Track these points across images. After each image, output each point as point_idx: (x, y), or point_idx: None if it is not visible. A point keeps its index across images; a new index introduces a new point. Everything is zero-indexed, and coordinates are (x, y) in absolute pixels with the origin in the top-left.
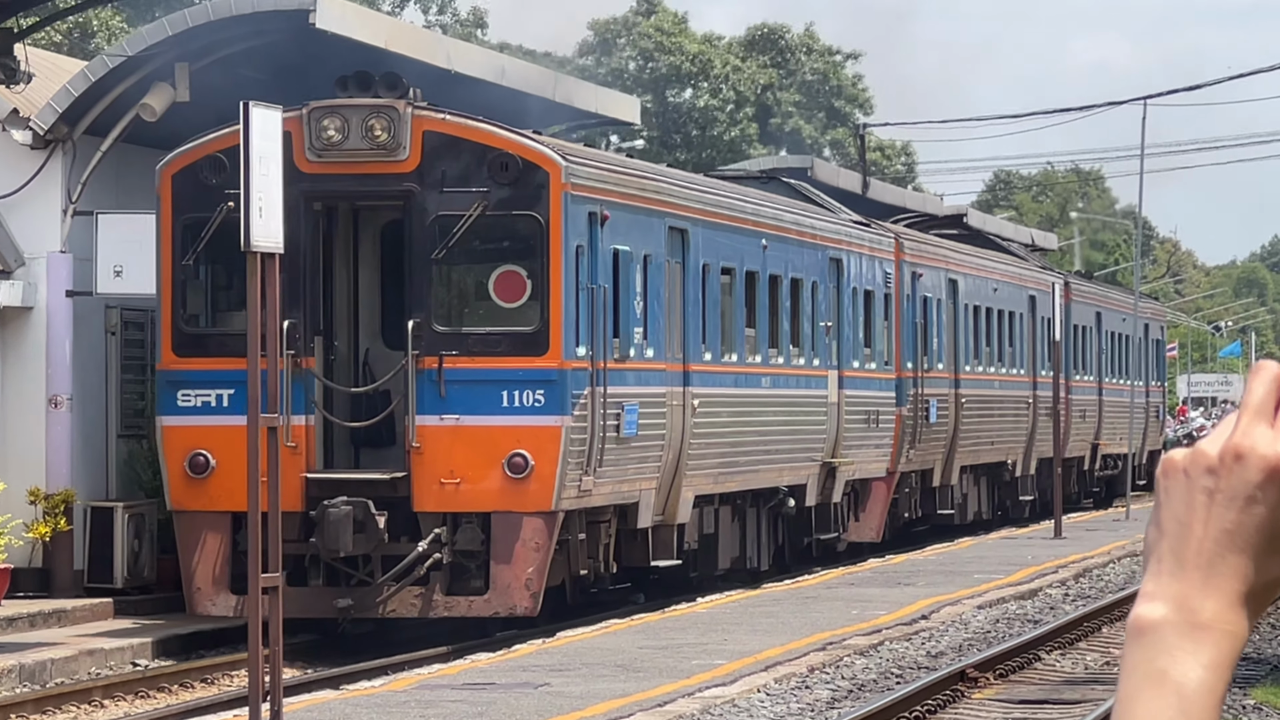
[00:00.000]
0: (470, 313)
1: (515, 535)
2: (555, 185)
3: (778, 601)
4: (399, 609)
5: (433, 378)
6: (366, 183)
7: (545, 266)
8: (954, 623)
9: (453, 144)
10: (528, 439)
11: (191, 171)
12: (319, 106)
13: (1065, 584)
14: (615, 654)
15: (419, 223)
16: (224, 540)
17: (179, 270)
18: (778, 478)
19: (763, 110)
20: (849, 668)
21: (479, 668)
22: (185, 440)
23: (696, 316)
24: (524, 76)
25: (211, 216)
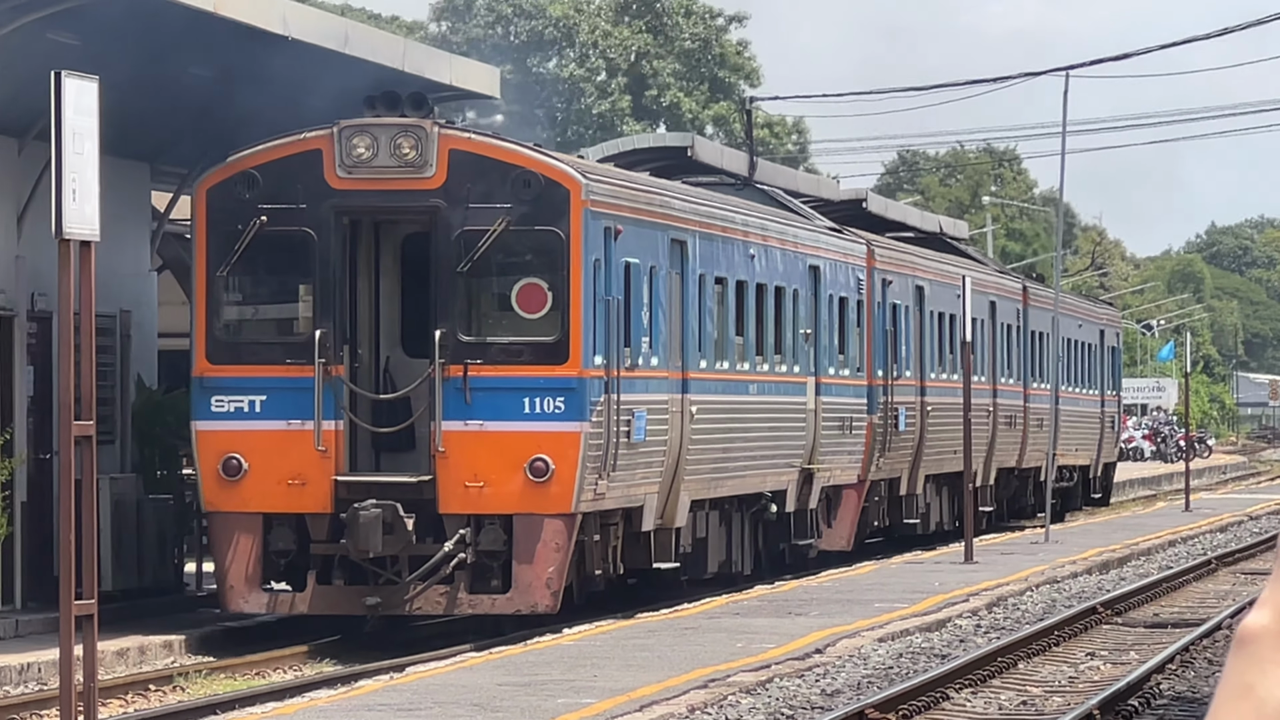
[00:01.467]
0: (493, 323)
1: (536, 536)
2: (575, 202)
3: (654, 633)
4: (425, 607)
5: (458, 385)
6: (394, 198)
7: (566, 279)
8: (852, 657)
9: (477, 162)
10: (548, 444)
11: (225, 187)
12: (349, 125)
13: (977, 614)
14: (471, 692)
15: (445, 237)
16: (256, 540)
17: (213, 281)
18: (762, 483)
19: (637, 81)
20: (734, 708)
21: (318, 706)
22: (218, 444)
23: (694, 325)
24: (370, 44)
25: (244, 230)
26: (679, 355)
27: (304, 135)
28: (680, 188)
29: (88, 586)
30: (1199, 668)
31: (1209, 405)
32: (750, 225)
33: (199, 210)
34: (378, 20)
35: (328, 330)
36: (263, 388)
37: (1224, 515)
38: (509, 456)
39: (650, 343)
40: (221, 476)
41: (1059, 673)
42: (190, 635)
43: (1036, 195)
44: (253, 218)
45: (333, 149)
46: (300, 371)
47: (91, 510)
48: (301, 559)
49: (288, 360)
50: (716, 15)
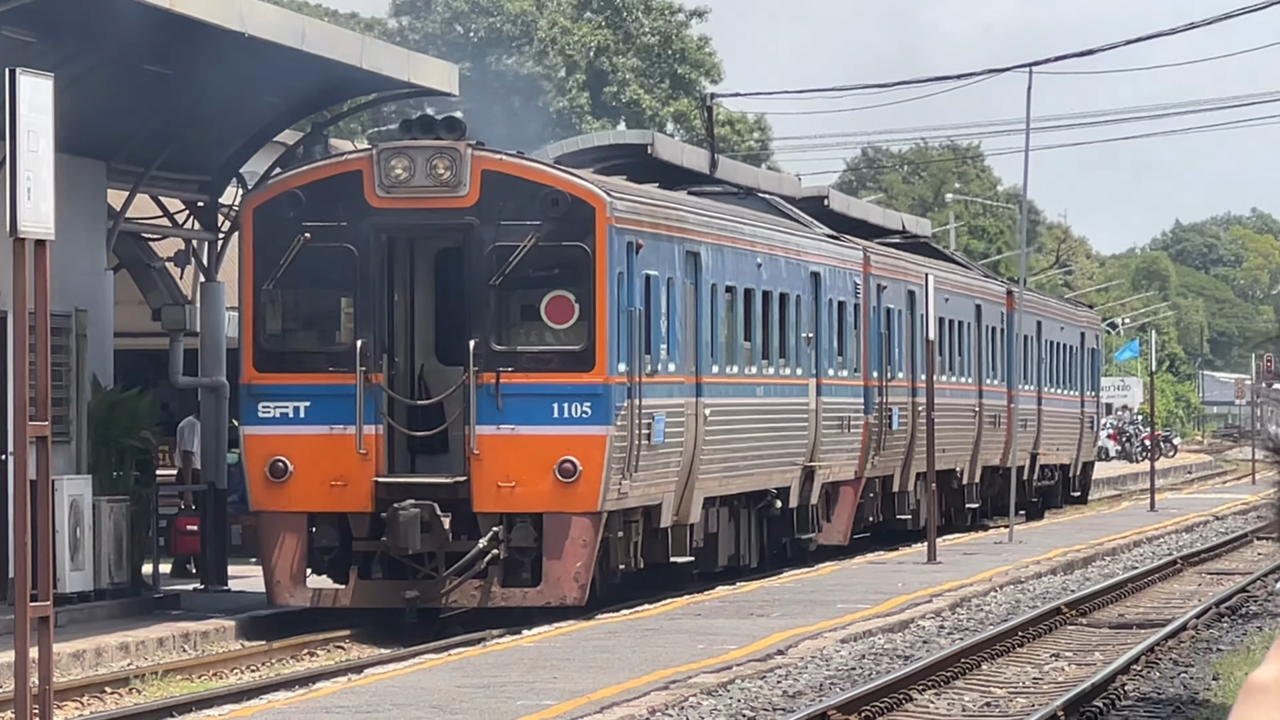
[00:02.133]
0: (524, 333)
1: (565, 533)
2: (600, 219)
3: (614, 634)
4: (460, 600)
5: (491, 391)
6: (430, 216)
7: (592, 291)
8: (814, 658)
9: (508, 182)
10: (576, 447)
11: (271, 206)
12: (388, 148)
13: (940, 615)
14: (430, 694)
15: (478, 252)
16: (300, 538)
17: (260, 294)
18: (768, 480)
19: (596, 78)
20: (695, 709)
21: (276, 708)
22: (266, 448)
23: (707, 332)
24: (327, 41)
25: (289, 246)
26: (693, 361)
27: (345, 157)
28: (693, 201)
29: (43, 588)
30: (1164, 668)
31: (1174, 404)
32: (757, 236)
33: (246, 227)
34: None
35: (368, 340)
36: (307, 394)
37: (1189, 515)
38: (539, 458)
39: (668, 349)
40: (268, 478)
41: (1023, 674)
42: (148, 637)
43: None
44: (297, 235)
45: (372, 170)
46: (342, 379)
47: (47, 512)
48: (343, 556)
49: (330, 368)
50: (677, 11)
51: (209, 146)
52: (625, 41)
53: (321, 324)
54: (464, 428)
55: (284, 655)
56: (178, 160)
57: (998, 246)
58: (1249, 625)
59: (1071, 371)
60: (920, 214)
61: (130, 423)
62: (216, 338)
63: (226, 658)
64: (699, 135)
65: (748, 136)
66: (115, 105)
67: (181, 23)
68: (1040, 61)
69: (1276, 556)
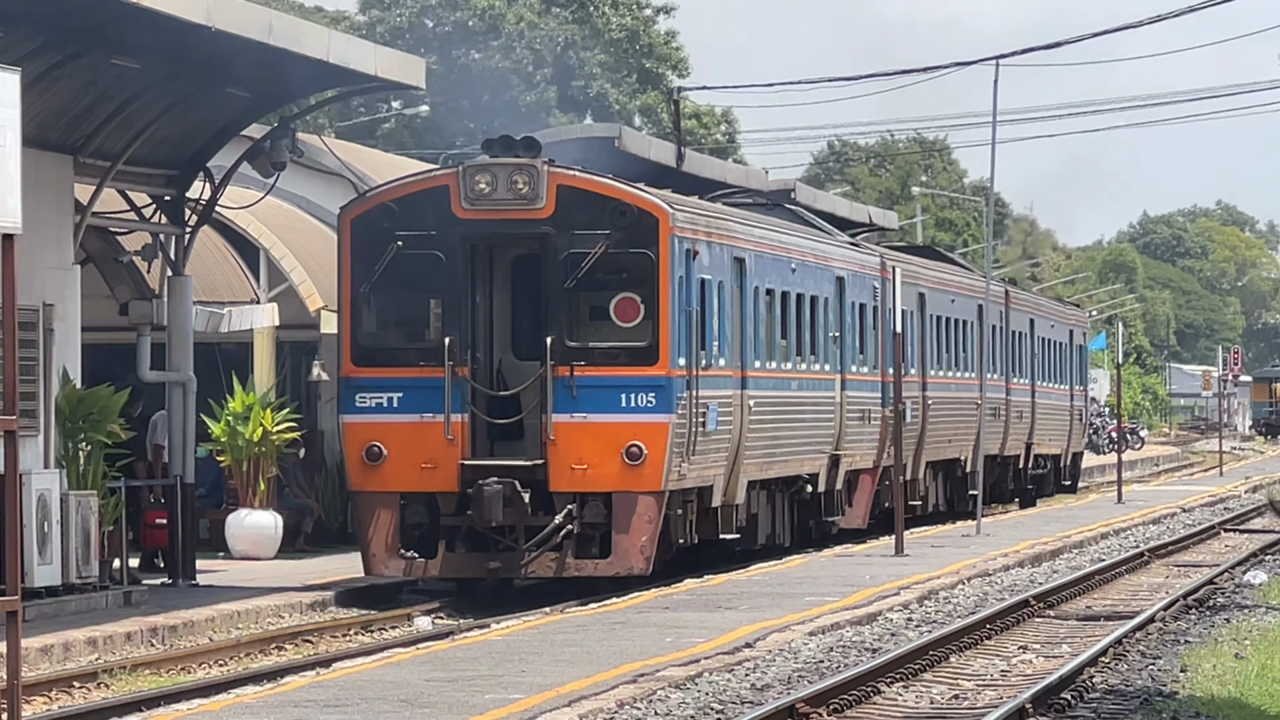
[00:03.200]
0: (594, 331)
1: (632, 510)
2: (664, 229)
3: (582, 628)
4: (538, 570)
5: (565, 383)
6: (510, 226)
7: (656, 294)
8: (782, 651)
9: (581, 195)
10: (642, 433)
11: (367, 217)
12: (472, 165)
13: (908, 607)
14: (398, 688)
15: (553, 258)
16: (394, 515)
17: (357, 297)
18: (800, 467)
19: (563, 72)
20: (663, 702)
21: (244, 703)
22: (362, 434)
23: (750, 330)
24: (294, 35)
25: (383, 253)
26: (739, 356)
27: (434, 173)
28: (737, 212)
29: (11, 583)
30: (1132, 661)
31: (1141, 396)
32: (790, 244)
33: (344, 236)
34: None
35: (454, 337)
36: (399, 386)
37: (1157, 507)
38: (608, 443)
39: (719, 346)
40: (365, 462)
41: (991, 666)
42: (116, 632)
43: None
44: (390, 243)
45: (458, 185)
46: (431, 372)
47: (15, 506)
48: (431, 531)
49: (420, 363)
50: (644, 6)
51: (176, 141)
52: (592, 36)
53: (412, 323)
54: (541, 416)
55: (252, 649)
56: (145, 155)
57: (964, 239)
58: (1216, 617)
59: (1062, 366)
60: (887, 207)
61: (99, 416)
62: (184, 332)
63: (195, 652)
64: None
65: (714, 130)
66: (82, 99)
67: (148, 16)
68: (1007, 54)
69: (1244, 548)
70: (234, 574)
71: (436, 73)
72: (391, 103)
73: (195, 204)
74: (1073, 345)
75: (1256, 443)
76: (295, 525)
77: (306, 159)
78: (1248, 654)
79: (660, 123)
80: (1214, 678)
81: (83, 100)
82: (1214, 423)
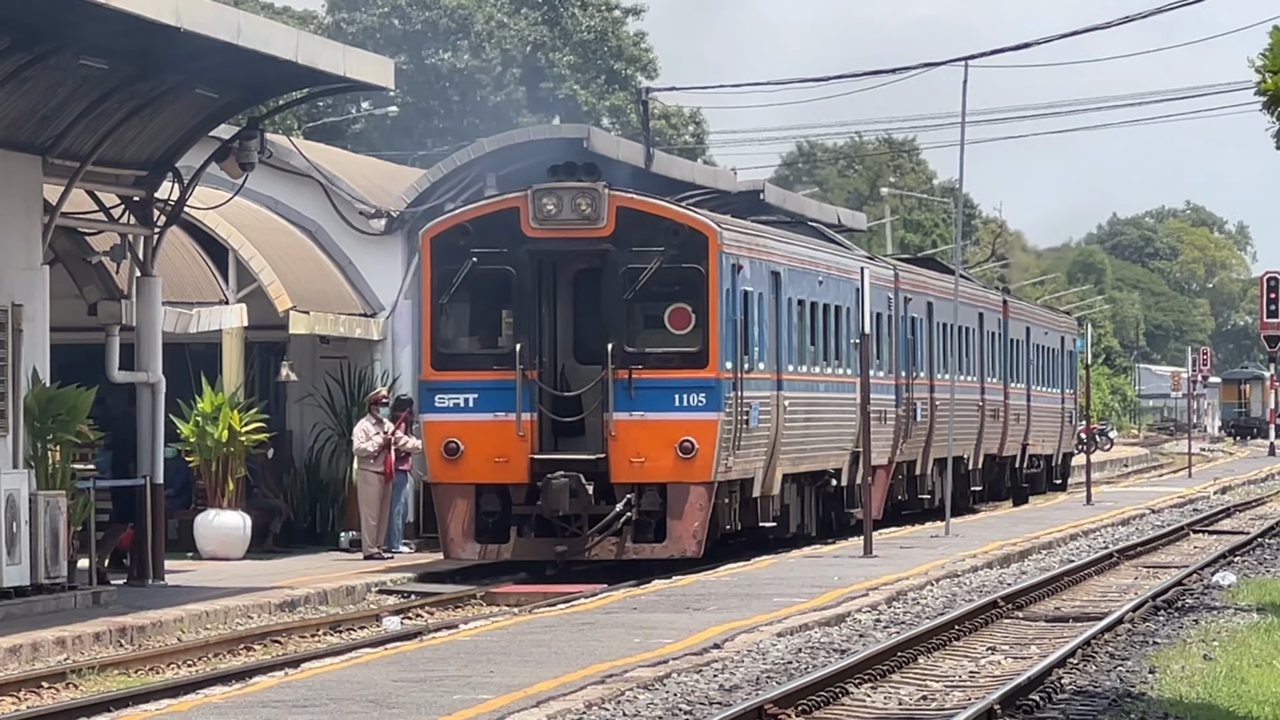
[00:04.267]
0: (650, 337)
1: (685, 499)
2: (713, 246)
3: (551, 628)
4: (600, 553)
5: (625, 385)
6: (574, 244)
7: (705, 304)
8: (750, 652)
9: (638, 216)
10: (693, 429)
11: (446, 235)
12: (540, 188)
13: (877, 608)
14: (367, 688)
15: (613, 273)
16: (470, 504)
17: (436, 307)
18: (826, 462)
19: (533, 72)
20: (632, 703)
21: (212, 703)
22: (441, 432)
23: (786, 337)
24: (262, 36)
25: (459, 268)
26: (775, 361)
27: (505, 196)
28: (772, 230)
29: None
30: (1100, 662)
31: (1110, 397)
32: (818, 259)
33: (425, 253)
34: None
35: (524, 344)
36: (475, 388)
37: (1126, 508)
38: (664, 439)
39: (759, 351)
40: (444, 456)
41: (959, 667)
42: (84, 632)
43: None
44: (466, 259)
45: (527, 206)
46: (504, 376)
47: None
48: (504, 519)
49: (494, 367)
50: (613, 7)
51: (145, 141)
52: (562, 37)
53: (486, 331)
54: (602, 414)
55: (221, 650)
56: (113, 155)
57: (933, 240)
58: (1185, 619)
59: (1055, 371)
60: (856, 207)
61: (68, 416)
62: (152, 332)
63: (163, 653)
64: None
65: (683, 130)
66: (51, 100)
67: (117, 17)
68: (976, 55)
69: (1213, 550)
70: (202, 574)
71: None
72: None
73: (164, 204)
74: (1064, 351)
75: (1226, 444)
76: (264, 525)
77: (275, 159)
78: (1216, 655)
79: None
80: (1182, 679)
81: (51, 100)
82: (1183, 424)
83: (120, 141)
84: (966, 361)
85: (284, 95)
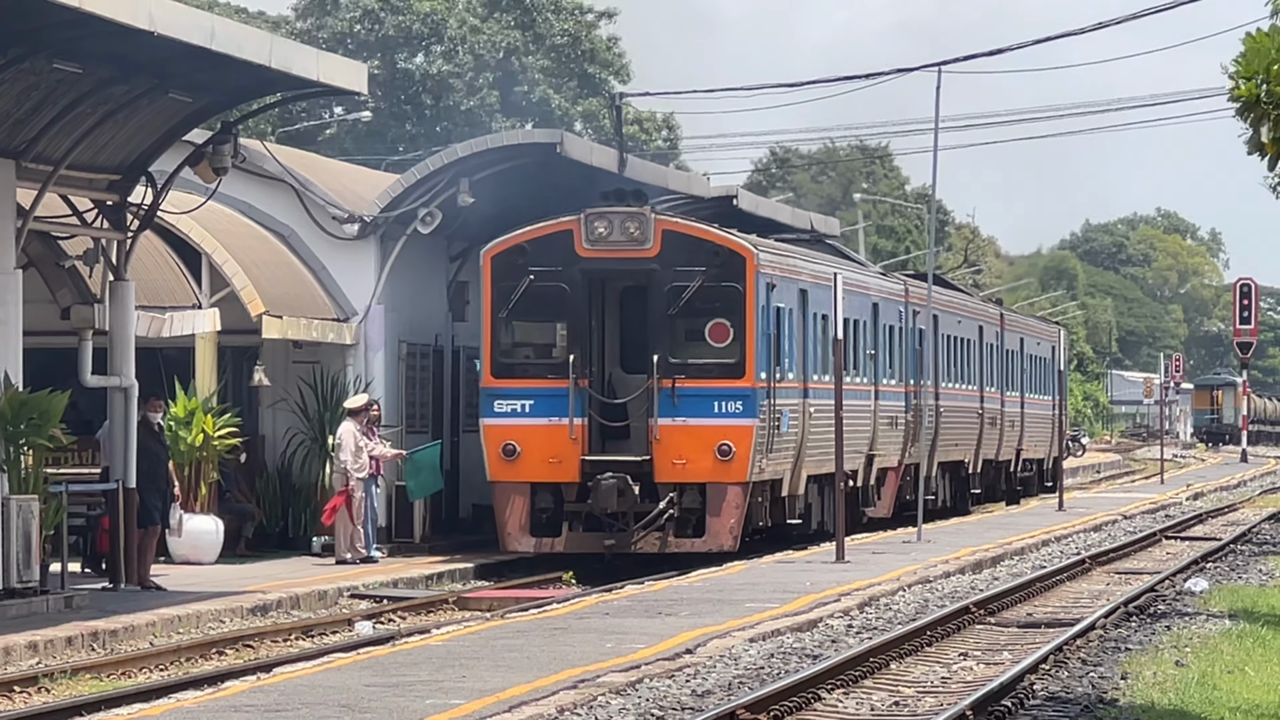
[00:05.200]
0: (692, 349)
1: (723, 498)
2: (750, 267)
3: (523, 633)
4: (644, 547)
5: (668, 393)
6: (623, 264)
7: (743, 319)
8: (723, 657)
9: (682, 238)
10: (731, 434)
11: (505, 255)
12: (592, 213)
13: (849, 614)
14: (339, 693)
15: (659, 290)
16: (525, 501)
17: (496, 321)
18: (846, 464)
19: (506, 77)
20: (604, 708)
21: (184, 707)
22: (500, 435)
23: (812, 350)
24: (236, 40)
25: (517, 285)
26: (802, 371)
27: (560, 220)
28: (800, 250)
29: None
30: (1073, 668)
31: (1083, 403)
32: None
33: (486, 271)
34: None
35: (577, 355)
36: (531, 395)
37: (1098, 514)
38: (703, 443)
39: (789, 362)
40: (502, 457)
41: (931, 673)
42: (56, 636)
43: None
44: (524, 277)
45: (580, 229)
46: (558, 383)
47: None
48: (556, 515)
49: (549, 376)
50: (586, 11)
51: (118, 145)
52: (535, 41)
53: (541, 343)
54: (647, 420)
55: (193, 654)
56: (87, 159)
57: (905, 245)
58: (1157, 625)
59: (1046, 380)
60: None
61: (40, 421)
62: (125, 336)
63: (135, 657)
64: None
65: (656, 135)
66: (24, 104)
67: (91, 21)
68: (949, 61)
69: (1185, 556)
70: (175, 578)
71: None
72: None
73: (137, 209)
74: (1054, 360)
75: (1198, 450)
76: (236, 530)
77: (248, 164)
78: (1188, 661)
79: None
80: (1154, 685)
81: (25, 104)
82: (1156, 430)
83: (94, 145)
84: (968, 371)
85: (258, 100)
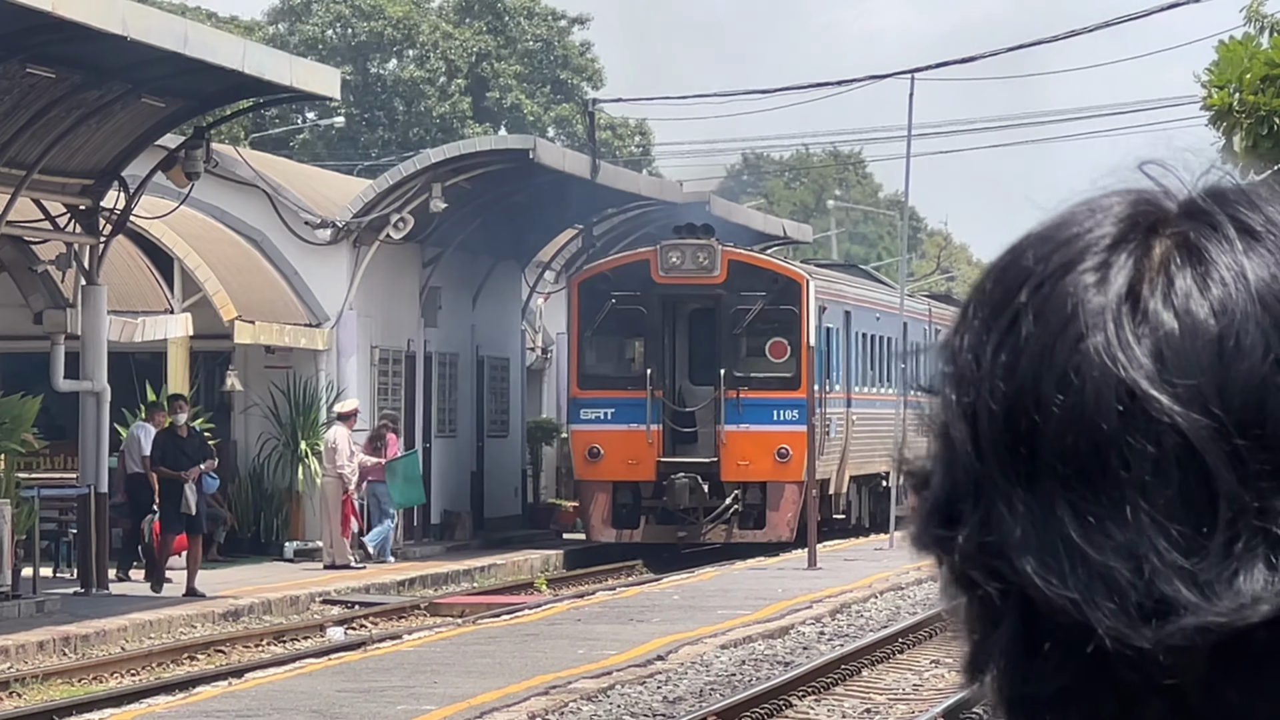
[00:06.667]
0: (754, 364)
1: (781, 495)
2: (805, 292)
3: (495, 639)
4: (712, 538)
5: (733, 403)
6: (694, 289)
7: (799, 338)
8: (694, 664)
9: (745, 266)
10: (788, 439)
11: (590, 281)
12: (667, 244)
13: (820, 621)
14: (310, 698)
15: (725, 312)
16: (608, 497)
17: (582, 339)
18: (878, 466)
19: (478, 83)
20: (575, 714)
21: (156, 713)
22: (586, 439)
23: (855, 364)
24: (209, 45)
25: (601, 307)
26: (846, 383)
27: (639, 250)
28: (844, 277)
29: None
30: None
31: None
32: (877, 299)
33: (573, 294)
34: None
35: (653, 369)
36: (612, 404)
37: None
38: (764, 446)
39: (836, 375)
40: (587, 459)
41: (903, 680)
42: (28, 640)
43: (881, 199)
44: (607, 300)
45: (656, 259)
46: (636, 394)
47: None
48: (634, 509)
49: (628, 387)
50: (559, 17)
51: (91, 150)
52: (507, 47)
53: (621, 358)
54: (714, 426)
55: (164, 659)
56: (59, 164)
57: (878, 252)
58: None
59: None
60: (802, 220)
61: (12, 425)
62: (98, 341)
63: (106, 661)
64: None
65: (629, 141)
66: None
67: (64, 26)
68: (923, 68)
69: None
70: (147, 583)
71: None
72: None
73: (110, 213)
74: None
75: None
76: (208, 535)
77: (221, 169)
78: None
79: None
80: None
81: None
82: None
83: (66, 150)
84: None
85: (230, 104)
